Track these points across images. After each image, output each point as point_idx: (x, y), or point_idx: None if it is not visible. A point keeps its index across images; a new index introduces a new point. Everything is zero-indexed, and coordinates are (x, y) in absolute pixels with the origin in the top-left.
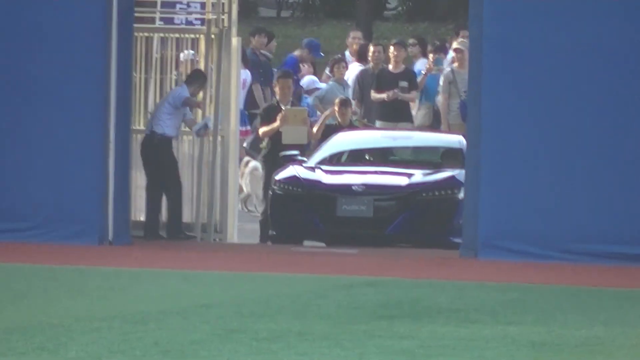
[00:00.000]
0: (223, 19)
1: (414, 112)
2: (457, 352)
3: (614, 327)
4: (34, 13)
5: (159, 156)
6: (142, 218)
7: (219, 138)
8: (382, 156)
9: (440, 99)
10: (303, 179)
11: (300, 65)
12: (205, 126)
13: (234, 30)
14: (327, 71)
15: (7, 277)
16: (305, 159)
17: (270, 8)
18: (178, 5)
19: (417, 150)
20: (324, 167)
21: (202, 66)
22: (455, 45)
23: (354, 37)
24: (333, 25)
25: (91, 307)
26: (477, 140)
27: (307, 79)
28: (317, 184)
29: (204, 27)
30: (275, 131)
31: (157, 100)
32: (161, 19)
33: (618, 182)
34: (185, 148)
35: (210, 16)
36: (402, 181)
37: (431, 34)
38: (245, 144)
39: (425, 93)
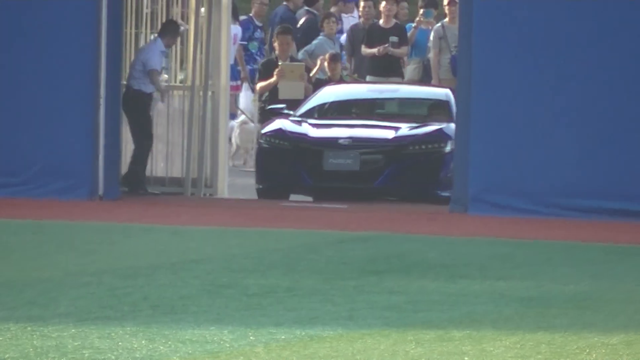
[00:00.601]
0: None
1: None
2: (446, 307)
3: (602, 281)
4: None
5: (134, 111)
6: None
7: (210, 93)
8: (369, 109)
9: (430, 53)
10: (289, 132)
11: None
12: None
13: None
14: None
15: None
16: (291, 112)
17: None
18: None
19: (404, 103)
20: (311, 121)
21: (192, 21)
22: None
23: None
24: None
25: (81, 262)
26: (467, 95)
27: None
28: (303, 137)
29: None
30: (272, 86)
31: None
32: None
33: (607, 137)
34: (175, 103)
35: None
36: (389, 134)
37: None
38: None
39: (415, 48)
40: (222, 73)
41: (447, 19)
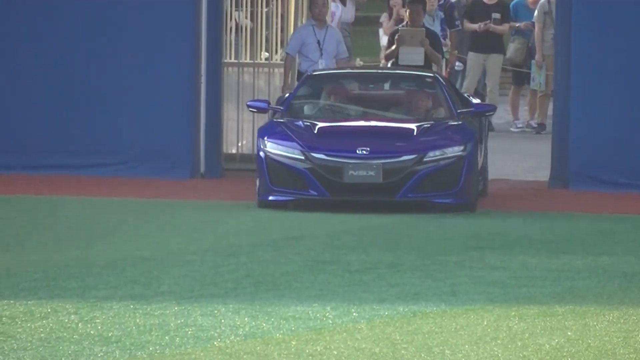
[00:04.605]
0: None
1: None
2: (548, 282)
3: None
4: None
5: None
6: (234, 151)
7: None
8: (364, 102)
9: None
10: (297, 140)
11: None
12: None
13: None
14: None
15: (99, 212)
16: (279, 107)
17: None
18: None
19: (397, 93)
20: (315, 123)
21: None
22: None
23: None
24: None
25: (183, 241)
26: (566, 71)
27: None
28: (315, 145)
29: None
30: (394, 54)
31: (247, 32)
32: None
33: None
34: (276, 82)
35: None
36: (407, 139)
37: None
38: None
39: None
40: None
41: None
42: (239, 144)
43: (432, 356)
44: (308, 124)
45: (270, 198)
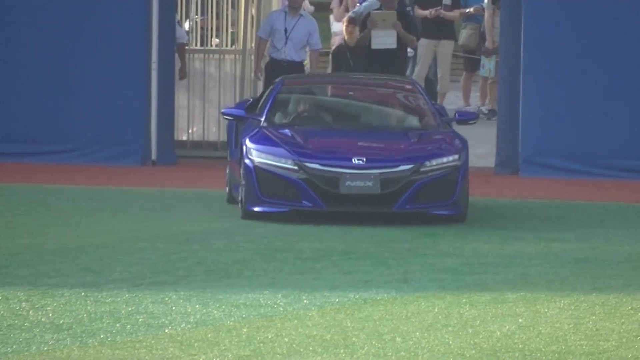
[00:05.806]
0: None
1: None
2: (500, 269)
3: None
4: None
5: None
6: (185, 138)
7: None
8: (345, 111)
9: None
10: (290, 149)
11: None
12: None
13: None
14: None
15: (51, 199)
16: (259, 117)
17: None
18: None
19: (379, 101)
20: (308, 133)
21: None
22: None
23: None
24: None
25: (135, 228)
26: (513, 58)
27: None
28: (309, 154)
29: None
30: (367, 38)
31: (199, 18)
32: None
33: None
34: (227, 67)
35: None
36: (401, 148)
37: None
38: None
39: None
40: None
41: None
42: (190, 131)
43: (383, 343)
44: (295, 131)
45: (257, 209)
